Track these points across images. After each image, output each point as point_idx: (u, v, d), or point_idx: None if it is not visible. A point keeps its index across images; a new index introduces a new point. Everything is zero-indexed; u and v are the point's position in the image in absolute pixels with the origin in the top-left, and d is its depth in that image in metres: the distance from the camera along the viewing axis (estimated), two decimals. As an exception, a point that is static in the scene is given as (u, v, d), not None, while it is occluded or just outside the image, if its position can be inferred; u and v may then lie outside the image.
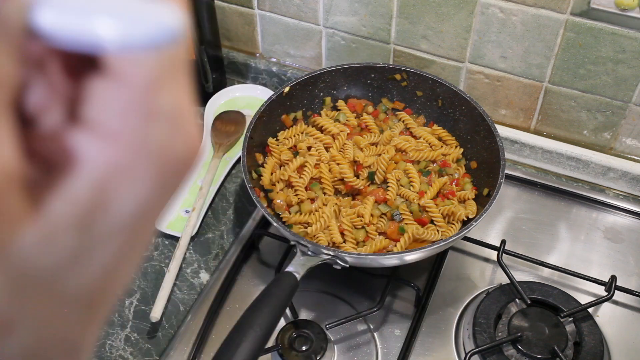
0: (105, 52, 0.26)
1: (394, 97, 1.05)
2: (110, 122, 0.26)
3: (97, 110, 0.26)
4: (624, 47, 0.92)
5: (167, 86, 0.27)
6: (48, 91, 0.27)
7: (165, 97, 0.27)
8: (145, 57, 0.26)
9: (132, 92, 0.26)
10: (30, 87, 0.27)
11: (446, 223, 0.92)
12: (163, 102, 0.27)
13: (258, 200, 0.87)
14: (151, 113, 0.27)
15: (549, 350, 0.83)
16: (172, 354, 0.88)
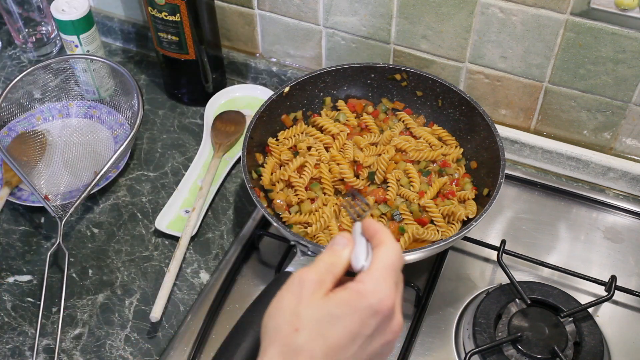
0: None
1: (394, 97, 1.05)
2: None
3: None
4: (624, 47, 0.92)
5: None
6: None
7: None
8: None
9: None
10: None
11: (446, 223, 0.92)
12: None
13: (258, 200, 0.87)
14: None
15: (549, 350, 0.83)
16: (172, 354, 0.88)
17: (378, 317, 0.54)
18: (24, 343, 0.91)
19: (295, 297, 0.55)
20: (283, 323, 0.54)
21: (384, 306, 0.54)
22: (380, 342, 0.56)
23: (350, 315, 0.54)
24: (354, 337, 0.54)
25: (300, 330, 0.53)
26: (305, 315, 0.54)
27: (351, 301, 0.54)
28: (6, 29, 1.31)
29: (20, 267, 0.99)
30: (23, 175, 1.01)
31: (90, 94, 1.17)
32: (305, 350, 0.53)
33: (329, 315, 0.54)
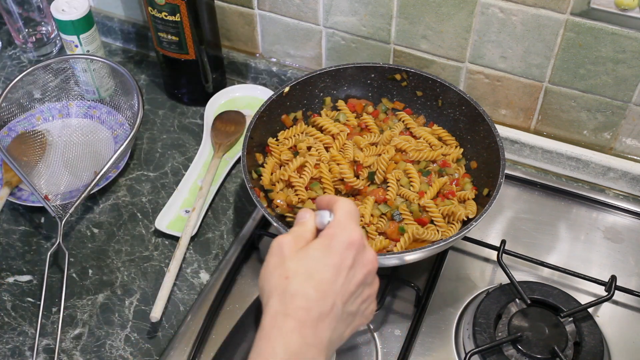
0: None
1: (394, 97, 1.05)
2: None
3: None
4: (624, 47, 0.92)
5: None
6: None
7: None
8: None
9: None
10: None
11: (446, 223, 0.92)
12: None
13: (258, 200, 0.87)
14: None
15: (549, 350, 0.83)
16: (172, 354, 0.88)
17: (353, 249, 0.62)
18: (24, 343, 0.91)
19: (278, 257, 0.62)
20: (275, 278, 0.61)
21: (355, 238, 0.63)
22: (362, 272, 0.63)
23: (329, 254, 0.62)
24: (338, 270, 0.61)
25: (291, 277, 0.60)
26: (291, 266, 0.61)
27: (326, 243, 0.62)
28: (6, 29, 1.31)
29: (20, 267, 0.99)
30: (23, 175, 1.01)
31: (90, 94, 1.17)
32: (300, 292, 0.59)
33: (312, 259, 0.61)
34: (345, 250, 0.62)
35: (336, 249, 0.62)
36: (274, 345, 0.57)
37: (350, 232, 0.63)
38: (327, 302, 0.60)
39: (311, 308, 0.59)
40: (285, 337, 0.58)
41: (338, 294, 0.61)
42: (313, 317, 0.59)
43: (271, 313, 0.59)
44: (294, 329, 0.58)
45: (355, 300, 0.63)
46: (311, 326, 0.59)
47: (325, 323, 0.60)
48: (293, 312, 0.59)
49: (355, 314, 0.64)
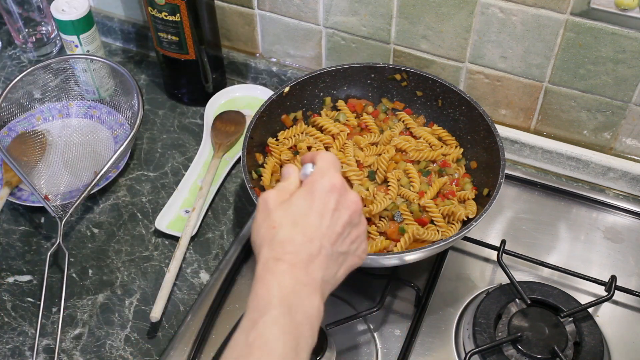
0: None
1: (394, 97, 1.05)
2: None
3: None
4: (624, 47, 0.92)
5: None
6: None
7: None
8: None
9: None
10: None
11: (446, 223, 0.92)
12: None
13: (258, 200, 0.87)
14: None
15: (549, 350, 0.83)
16: (172, 354, 0.88)
17: (334, 192, 0.65)
18: (24, 343, 0.91)
19: (264, 211, 0.65)
20: (264, 230, 0.64)
21: (335, 182, 0.66)
22: (347, 213, 0.66)
23: (311, 199, 0.65)
24: (322, 214, 0.64)
25: (277, 227, 0.63)
26: (276, 216, 0.64)
27: (308, 190, 0.65)
28: (6, 29, 1.31)
29: (20, 267, 0.99)
30: (23, 175, 1.01)
31: (90, 94, 1.17)
32: (287, 239, 0.62)
33: (295, 207, 0.64)
34: (327, 194, 0.65)
35: (318, 194, 0.65)
36: (268, 287, 0.60)
37: (330, 177, 0.66)
38: (314, 244, 0.63)
39: (300, 251, 0.62)
40: (278, 278, 0.61)
41: (324, 236, 0.63)
42: (303, 258, 0.62)
43: (263, 260, 0.62)
44: (285, 270, 0.61)
45: (344, 240, 0.66)
46: (302, 267, 0.61)
47: (315, 263, 0.62)
48: (283, 256, 0.62)
49: (346, 254, 0.67)
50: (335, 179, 0.66)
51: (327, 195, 0.65)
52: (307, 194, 0.65)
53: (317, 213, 0.64)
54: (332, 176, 0.66)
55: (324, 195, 0.65)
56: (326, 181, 0.65)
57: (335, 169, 0.67)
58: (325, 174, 0.66)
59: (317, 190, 0.65)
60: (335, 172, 0.67)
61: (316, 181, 0.66)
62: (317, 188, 0.65)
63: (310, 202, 0.64)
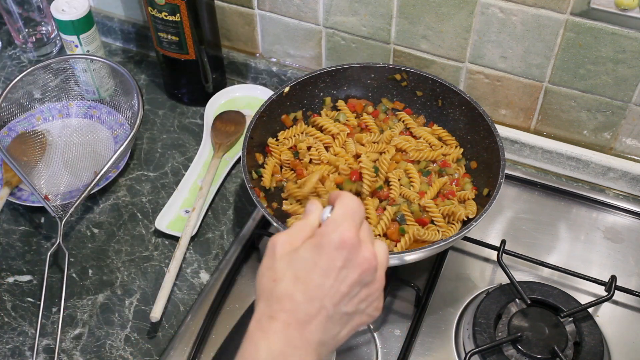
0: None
1: (394, 97, 1.05)
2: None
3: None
4: (624, 47, 0.92)
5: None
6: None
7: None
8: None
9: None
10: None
11: (446, 223, 0.92)
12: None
13: (258, 200, 0.87)
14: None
15: (549, 350, 0.83)
16: (172, 354, 0.88)
17: (344, 250, 0.59)
18: (24, 343, 0.91)
19: (270, 257, 0.61)
20: (264, 280, 0.60)
21: (346, 238, 0.59)
22: (356, 272, 0.60)
23: (317, 255, 0.59)
24: (327, 272, 0.59)
25: (278, 280, 0.59)
26: (279, 268, 0.59)
27: (316, 243, 0.60)
28: (6, 29, 1.31)
29: (20, 267, 0.99)
30: (23, 175, 1.01)
31: (90, 94, 1.17)
32: (286, 295, 0.58)
33: (301, 260, 0.59)
34: (335, 250, 0.59)
35: (326, 249, 0.59)
36: (257, 347, 0.57)
37: (342, 230, 0.60)
38: (314, 305, 0.58)
39: (297, 310, 0.58)
40: (268, 339, 0.57)
41: (327, 296, 0.59)
42: (299, 319, 0.58)
43: (257, 315, 0.59)
44: (277, 330, 0.57)
45: (351, 300, 0.61)
46: (297, 328, 0.57)
47: (313, 325, 0.58)
48: (278, 315, 0.58)
49: (352, 314, 0.61)
50: (348, 234, 0.59)
51: (335, 252, 0.59)
52: (314, 248, 0.60)
53: (322, 270, 0.59)
54: (345, 230, 0.59)
55: (331, 252, 0.59)
56: (336, 236, 0.59)
57: (351, 220, 0.61)
58: (338, 227, 0.60)
59: (325, 245, 0.59)
60: (350, 225, 0.60)
61: (326, 234, 0.60)
62: (326, 242, 0.59)
63: (316, 258, 0.59)
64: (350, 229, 0.60)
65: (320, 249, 0.59)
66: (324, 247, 0.59)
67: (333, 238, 0.59)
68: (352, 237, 0.60)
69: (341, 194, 0.64)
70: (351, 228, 0.60)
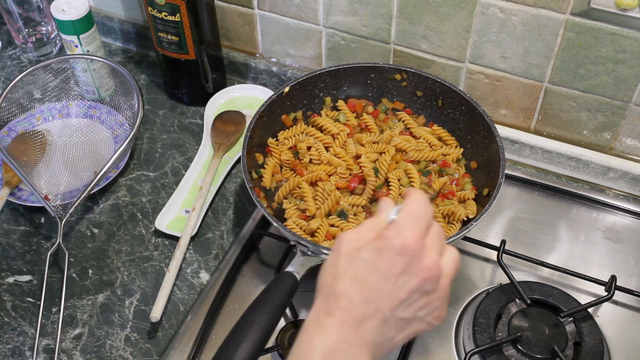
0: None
1: (394, 97, 1.05)
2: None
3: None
4: (624, 47, 0.92)
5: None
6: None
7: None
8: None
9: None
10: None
11: (446, 223, 0.92)
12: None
13: (258, 200, 0.87)
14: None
15: (549, 350, 0.83)
16: (172, 354, 0.88)
17: (405, 256, 0.58)
18: (24, 343, 0.91)
19: (335, 253, 0.61)
20: (326, 275, 0.61)
21: (408, 244, 0.58)
22: (416, 280, 0.59)
23: (377, 257, 0.59)
24: (385, 276, 0.58)
25: (338, 277, 0.59)
26: (341, 265, 0.60)
27: (378, 246, 0.59)
28: (6, 29, 1.31)
29: (20, 267, 0.99)
30: (23, 175, 1.01)
31: (90, 94, 1.17)
32: (343, 293, 0.59)
33: (361, 260, 0.59)
34: (396, 256, 0.58)
35: (386, 253, 0.58)
36: (313, 341, 0.58)
37: (405, 236, 0.58)
38: (370, 306, 0.58)
39: (353, 309, 0.58)
40: (324, 333, 0.58)
41: (384, 299, 0.58)
42: (355, 317, 0.58)
43: (315, 310, 0.60)
44: (333, 326, 0.58)
45: (409, 307, 0.60)
46: (352, 326, 0.58)
47: (368, 325, 0.58)
48: (334, 311, 0.58)
49: (410, 320, 0.61)
50: (411, 238, 0.58)
51: (395, 257, 0.58)
52: (375, 251, 0.59)
53: (380, 274, 0.58)
54: (409, 235, 0.58)
55: (392, 256, 0.58)
56: (398, 241, 0.58)
57: (416, 225, 0.59)
58: (402, 231, 0.58)
59: (386, 249, 0.58)
60: (415, 230, 0.59)
61: (388, 238, 0.59)
62: (387, 246, 0.58)
63: (376, 261, 0.59)
64: (413, 234, 0.59)
65: (381, 253, 0.59)
66: (385, 251, 0.59)
67: (395, 243, 0.58)
68: (414, 242, 0.58)
69: (410, 194, 0.62)
70: (414, 233, 0.59)
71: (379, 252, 0.59)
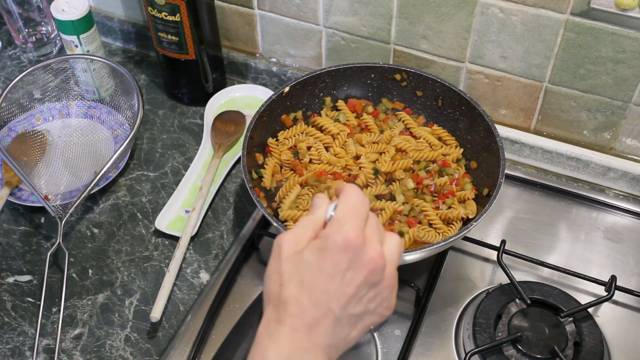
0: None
1: (394, 97, 1.05)
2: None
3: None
4: (624, 47, 0.92)
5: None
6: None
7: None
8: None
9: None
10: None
11: (446, 224, 0.92)
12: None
13: (258, 200, 0.87)
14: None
15: (549, 350, 0.83)
16: (172, 354, 0.88)
17: (348, 252, 0.57)
18: (24, 343, 0.91)
19: (276, 259, 0.60)
20: (271, 284, 0.59)
21: (349, 240, 0.57)
22: (362, 274, 0.58)
23: (321, 257, 0.58)
24: (331, 276, 0.58)
25: (284, 284, 0.58)
26: (285, 271, 0.59)
27: (319, 246, 0.58)
28: (6, 29, 1.31)
29: (20, 267, 0.99)
30: (23, 175, 1.01)
31: (90, 94, 1.17)
32: (292, 299, 0.58)
33: (305, 263, 0.58)
34: (339, 253, 0.57)
35: (329, 252, 0.57)
36: (266, 351, 0.57)
37: (346, 232, 0.57)
38: (320, 309, 0.57)
39: (303, 314, 0.57)
40: (277, 343, 0.57)
41: (333, 299, 0.58)
42: (306, 323, 0.57)
43: (265, 320, 0.59)
44: (285, 335, 0.57)
45: (359, 302, 0.59)
46: (304, 331, 0.57)
47: (320, 328, 0.58)
48: (285, 319, 0.57)
49: (361, 315, 0.60)
50: (352, 233, 0.57)
51: (339, 255, 0.57)
52: (318, 251, 0.58)
53: (326, 274, 0.57)
54: (349, 230, 0.57)
55: (335, 254, 0.57)
56: (340, 238, 0.57)
57: (354, 218, 0.59)
58: (342, 227, 0.58)
59: (328, 247, 0.58)
60: (354, 224, 0.58)
61: (329, 236, 0.58)
62: (329, 245, 0.57)
63: (320, 261, 0.58)
64: (353, 228, 0.58)
65: (324, 252, 0.58)
66: (327, 250, 0.58)
67: (336, 240, 0.57)
68: (356, 237, 0.58)
69: (344, 189, 0.61)
70: (354, 227, 0.58)
71: (321, 252, 0.58)
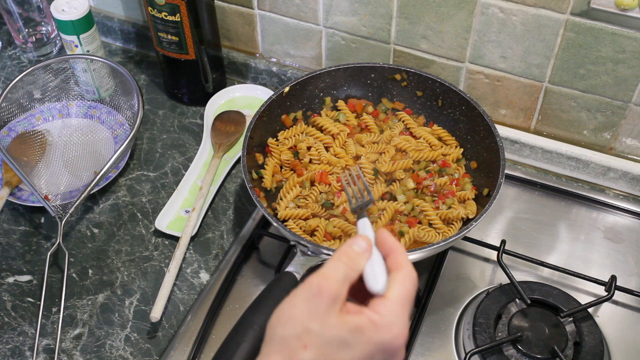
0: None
1: (394, 97, 1.05)
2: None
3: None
4: (624, 47, 0.92)
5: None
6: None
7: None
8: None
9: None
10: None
11: (446, 224, 0.92)
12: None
13: (258, 200, 0.87)
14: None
15: (549, 350, 0.83)
16: (172, 354, 0.88)
17: (387, 354, 0.54)
18: (24, 343, 0.91)
19: (309, 310, 0.53)
20: (293, 336, 0.53)
21: (396, 344, 0.53)
22: None
23: (360, 346, 0.53)
24: None
25: (309, 348, 0.52)
26: (316, 333, 0.53)
27: (365, 332, 0.53)
28: (6, 29, 1.31)
29: (20, 267, 0.99)
30: (23, 175, 1.01)
31: (90, 94, 1.17)
32: None
33: (340, 340, 0.53)
34: (379, 352, 0.53)
35: (371, 346, 0.53)
36: None
37: (395, 333, 0.53)
38: None
39: None
40: None
41: None
42: None
43: None
44: None
45: None
46: None
47: None
48: None
49: None
50: (399, 340, 0.53)
51: (378, 353, 0.53)
52: (360, 335, 0.53)
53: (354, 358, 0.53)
54: (399, 334, 0.53)
55: (375, 351, 0.53)
56: (389, 337, 0.53)
57: (407, 313, 0.54)
58: (394, 327, 0.53)
59: (373, 341, 0.53)
60: (405, 325, 0.54)
61: (379, 330, 0.53)
62: (375, 340, 0.53)
63: (357, 346, 0.53)
64: (403, 333, 0.54)
65: (365, 343, 0.53)
66: (369, 344, 0.53)
67: (384, 339, 0.53)
68: (401, 345, 0.54)
69: (400, 258, 0.56)
70: (404, 332, 0.54)
71: (363, 342, 0.53)
